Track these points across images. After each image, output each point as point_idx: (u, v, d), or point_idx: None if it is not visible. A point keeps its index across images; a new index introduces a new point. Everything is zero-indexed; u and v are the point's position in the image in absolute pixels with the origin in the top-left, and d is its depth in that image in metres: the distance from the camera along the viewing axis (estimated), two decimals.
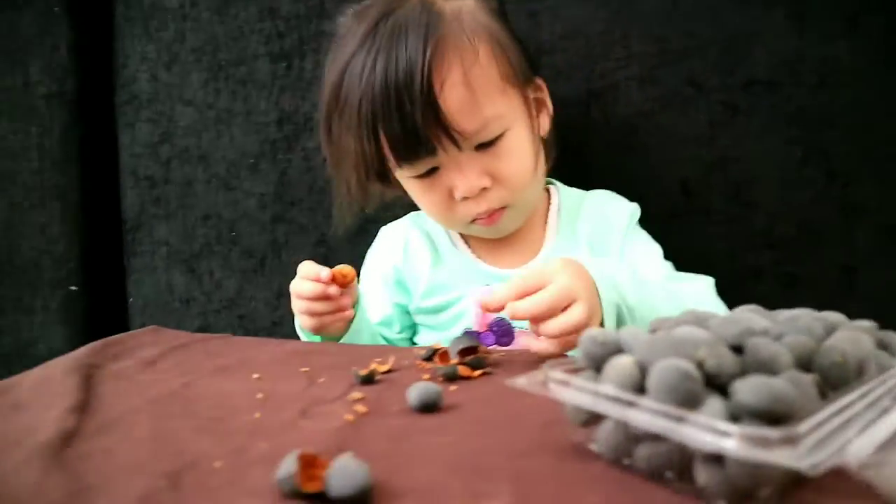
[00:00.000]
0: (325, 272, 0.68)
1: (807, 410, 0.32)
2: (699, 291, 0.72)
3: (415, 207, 0.82)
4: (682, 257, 0.90)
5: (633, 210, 0.81)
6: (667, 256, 0.84)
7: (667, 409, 0.32)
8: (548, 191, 0.84)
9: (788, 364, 0.36)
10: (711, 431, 0.31)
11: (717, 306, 0.70)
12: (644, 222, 0.85)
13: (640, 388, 0.35)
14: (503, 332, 0.76)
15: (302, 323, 0.72)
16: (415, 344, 0.84)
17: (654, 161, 0.90)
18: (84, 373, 0.52)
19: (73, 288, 0.98)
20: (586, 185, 0.86)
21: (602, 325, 0.58)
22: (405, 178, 0.74)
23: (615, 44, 0.89)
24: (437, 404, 0.46)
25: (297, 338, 0.95)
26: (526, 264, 0.78)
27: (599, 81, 0.89)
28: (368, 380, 0.52)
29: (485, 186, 0.70)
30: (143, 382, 0.52)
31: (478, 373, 0.55)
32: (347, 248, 0.95)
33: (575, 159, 0.84)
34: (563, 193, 0.83)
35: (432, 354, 0.59)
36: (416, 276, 0.80)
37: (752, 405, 0.32)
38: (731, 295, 0.89)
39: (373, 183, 0.75)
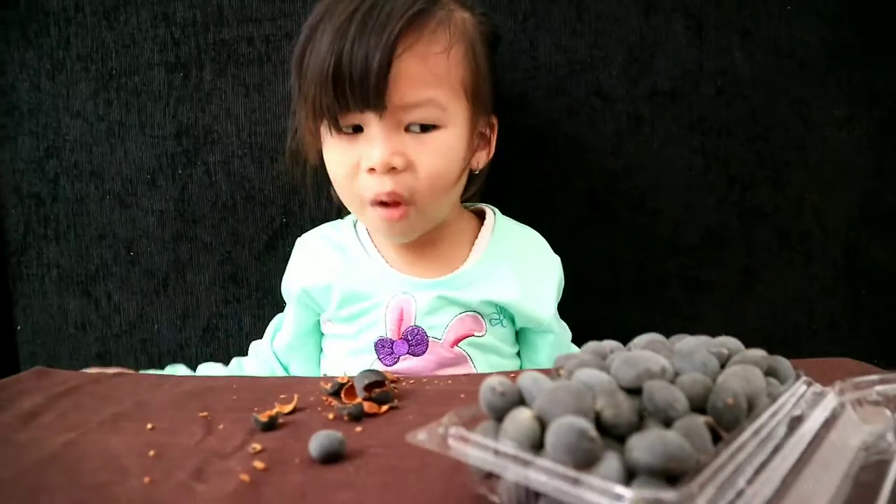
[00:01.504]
0: None
1: (701, 463, 0.33)
2: None
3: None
4: (591, 265, 0.91)
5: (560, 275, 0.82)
6: (576, 265, 0.85)
7: (563, 470, 0.32)
8: (482, 213, 0.83)
9: (684, 409, 0.36)
10: (606, 494, 0.30)
11: None
12: (552, 231, 0.85)
13: (540, 444, 0.35)
14: (417, 340, 0.75)
15: None
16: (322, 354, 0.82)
17: (562, 170, 0.90)
18: None
19: None
20: (494, 195, 0.85)
21: None
22: (333, 136, 0.72)
23: (523, 54, 0.88)
24: (341, 454, 0.45)
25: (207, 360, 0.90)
26: (442, 277, 0.77)
27: (507, 91, 0.88)
28: (269, 426, 0.50)
29: (395, 167, 0.69)
30: (21, 444, 0.48)
31: (384, 408, 0.53)
32: (255, 265, 0.92)
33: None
34: (498, 219, 0.82)
35: (339, 389, 0.57)
36: (327, 287, 0.77)
37: (648, 463, 0.32)
38: (639, 300, 0.91)
39: (321, 126, 0.73)
